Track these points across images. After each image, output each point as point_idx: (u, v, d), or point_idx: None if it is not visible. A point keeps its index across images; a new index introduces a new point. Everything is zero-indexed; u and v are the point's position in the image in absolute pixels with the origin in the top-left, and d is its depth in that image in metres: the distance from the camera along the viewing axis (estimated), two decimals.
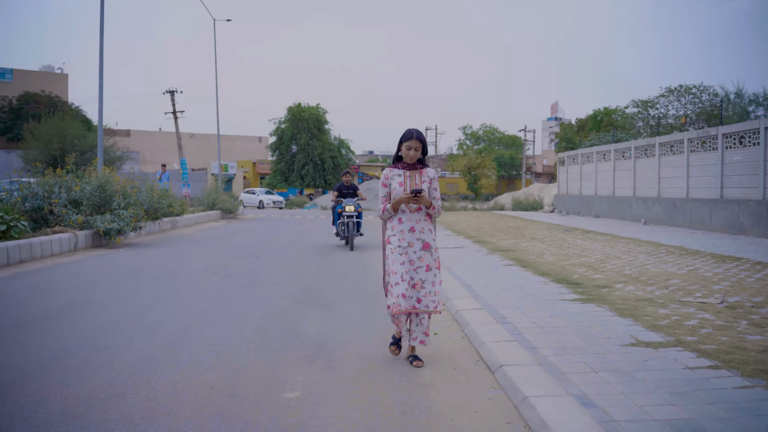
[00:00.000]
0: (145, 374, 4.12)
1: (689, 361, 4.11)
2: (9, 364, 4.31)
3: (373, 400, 3.67)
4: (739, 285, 7.17)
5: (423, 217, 4.35)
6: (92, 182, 12.56)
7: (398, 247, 4.27)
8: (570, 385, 3.64)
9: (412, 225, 4.31)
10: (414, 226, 4.31)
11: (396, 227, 4.33)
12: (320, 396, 3.75)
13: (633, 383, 3.66)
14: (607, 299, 6.28)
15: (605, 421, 3.09)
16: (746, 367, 3.93)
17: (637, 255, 10.26)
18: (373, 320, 5.84)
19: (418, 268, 4.28)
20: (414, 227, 4.31)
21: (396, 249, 4.27)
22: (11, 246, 9.39)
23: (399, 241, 4.28)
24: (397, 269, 4.24)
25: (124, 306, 6.42)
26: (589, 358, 4.19)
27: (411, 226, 4.31)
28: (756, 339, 4.66)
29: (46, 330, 5.33)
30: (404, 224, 4.31)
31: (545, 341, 4.65)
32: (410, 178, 4.33)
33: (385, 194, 4.44)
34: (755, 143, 14.27)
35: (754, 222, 14.02)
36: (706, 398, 3.41)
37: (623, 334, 4.84)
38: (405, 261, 4.25)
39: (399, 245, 4.27)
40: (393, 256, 4.27)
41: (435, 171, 4.29)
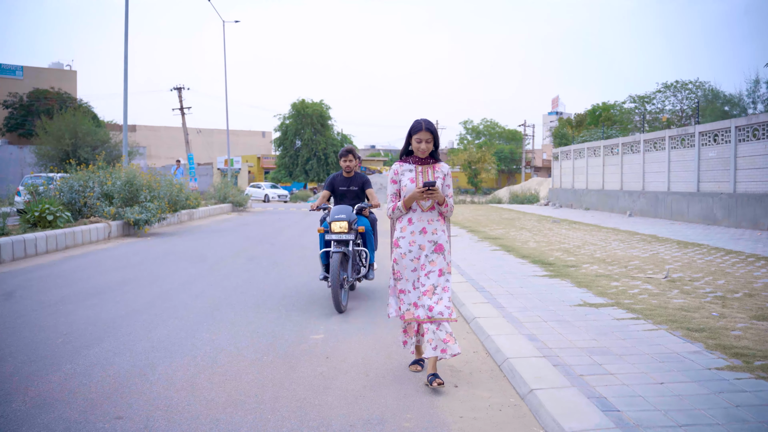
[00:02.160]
0: (205, 325, 5.43)
1: (618, 315, 5.40)
2: (97, 320, 5.61)
3: (375, 339, 4.97)
4: (688, 265, 8.44)
5: (435, 216, 3.96)
6: (122, 177, 13.87)
7: (409, 251, 3.92)
8: (523, 329, 4.93)
9: (424, 226, 3.92)
10: (425, 226, 3.92)
11: (406, 228, 3.95)
12: (338, 338, 5.04)
13: (570, 328, 4.95)
14: (571, 275, 7.56)
15: (542, 348, 4.37)
16: (659, 318, 5.22)
17: (611, 242, 11.54)
18: (377, 291, 7.14)
19: (430, 273, 3.88)
20: (426, 228, 3.92)
21: (406, 254, 3.93)
22: (59, 234, 10.71)
23: (409, 245, 3.92)
24: (408, 276, 3.93)
25: (169, 281, 7.73)
26: (543, 313, 5.48)
27: (422, 227, 3.92)
28: (678, 302, 5.94)
29: (114, 297, 6.64)
30: (415, 225, 3.93)
31: (512, 303, 5.94)
32: (422, 174, 3.94)
33: (394, 191, 4.04)
34: (727, 141, 15.53)
35: (726, 213, 15.28)
36: (619, 335, 4.69)
37: (575, 299, 6.13)
38: (417, 267, 3.92)
39: (410, 249, 3.92)
40: (404, 262, 3.93)
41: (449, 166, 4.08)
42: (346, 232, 5.95)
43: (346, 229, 5.94)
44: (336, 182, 6.60)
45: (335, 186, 6.59)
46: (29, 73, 58.42)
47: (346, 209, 6.12)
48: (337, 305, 5.76)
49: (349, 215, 6.04)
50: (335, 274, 5.65)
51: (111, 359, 4.37)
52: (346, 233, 5.95)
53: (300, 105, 49.96)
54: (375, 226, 6.63)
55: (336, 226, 5.95)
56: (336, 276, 5.66)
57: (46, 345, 4.72)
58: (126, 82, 16.96)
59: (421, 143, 3.92)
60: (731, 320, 5.14)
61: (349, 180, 6.57)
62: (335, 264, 5.65)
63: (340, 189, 6.56)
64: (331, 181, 6.62)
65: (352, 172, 6.59)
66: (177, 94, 46.90)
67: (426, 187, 3.73)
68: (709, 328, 4.87)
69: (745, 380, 3.63)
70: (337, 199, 6.60)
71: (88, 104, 54.35)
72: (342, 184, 6.57)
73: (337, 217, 5.98)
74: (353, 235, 5.99)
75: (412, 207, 3.95)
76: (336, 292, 5.71)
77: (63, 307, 6.13)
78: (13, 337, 4.96)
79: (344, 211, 6.07)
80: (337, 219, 5.96)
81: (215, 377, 4.01)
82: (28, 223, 11.04)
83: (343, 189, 6.56)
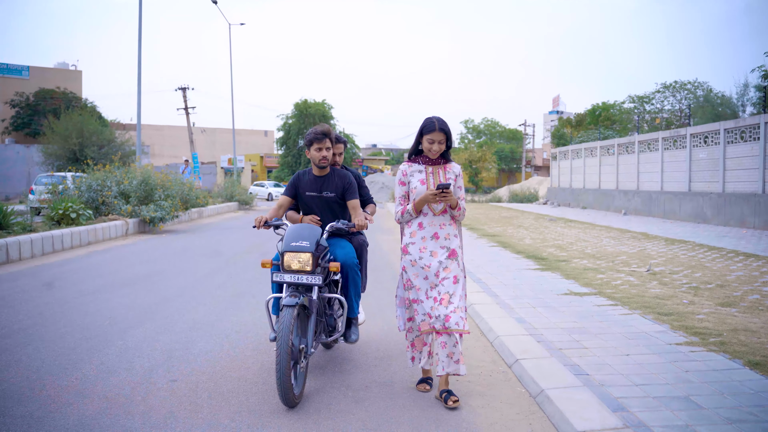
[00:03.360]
0: (231, 310, 6.10)
1: (599, 302, 6.06)
2: (135, 306, 6.28)
3: (382, 325, 5.64)
4: (671, 260, 9.10)
5: (448, 221, 3.72)
6: (137, 177, 14.55)
7: (419, 258, 3.65)
8: (514, 313, 5.59)
9: (436, 231, 3.68)
10: (438, 231, 3.68)
11: (416, 233, 3.68)
12: None
13: (555, 312, 5.62)
14: (561, 269, 8.23)
15: (529, 328, 5.04)
16: (635, 304, 5.88)
17: (603, 239, 12.20)
18: (381, 269, 7.81)
19: (444, 280, 3.61)
20: (438, 233, 3.68)
21: (417, 261, 3.65)
22: (82, 230, 11.39)
23: (420, 251, 3.66)
24: (420, 284, 3.64)
25: (191, 274, 8.41)
26: (532, 301, 6.14)
27: (434, 231, 3.68)
28: (655, 291, 6.60)
29: (145, 287, 7.32)
30: (426, 230, 3.67)
31: (505, 292, 6.61)
32: (433, 175, 3.72)
33: (402, 194, 3.78)
34: (716, 143, 16.18)
35: (715, 212, 15.94)
36: (597, 319, 5.36)
37: (562, 288, 6.79)
38: (428, 275, 3.63)
39: (420, 256, 3.65)
40: (414, 269, 3.66)
41: (460, 166, 3.85)
42: (309, 271, 3.70)
43: (308, 265, 3.70)
44: (301, 184, 4.34)
45: (300, 190, 4.34)
46: (35, 73, 59.11)
47: (309, 232, 3.83)
48: (284, 395, 3.38)
49: (315, 242, 3.78)
50: (284, 342, 3.31)
51: (155, 337, 5.04)
52: (307, 273, 3.71)
53: (303, 105, 50.68)
54: (364, 254, 4.45)
55: (292, 260, 3.71)
56: (286, 346, 3.31)
57: (96, 326, 5.39)
58: (139, 86, 17.64)
59: (434, 144, 3.68)
60: (699, 306, 5.80)
61: (322, 181, 4.29)
62: (285, 325, 3.37)
63: (308, 195, 4.31)
64: (295, 183, 4.36)
65: (327, 168, 4.31)
66: (182, 94, 47.61)
67: (440, 189, 3.49)
68: (678, 312, 5.53)
69: (697, 353, 4.29)
70: (304, 210, 4.41)
71: (93, 104, 55.13)
72: (310, 187, 4.30)
73: (294, 245, 3.73)
74: (320, 277, 3.71)
75: (423, 210, 3.69)
76: (283, 374, 3.30)
77: (100, 295, 6.80)
78: (65, 319, 5.63)
79: (306, 236, 3.79)
80: (293, 249, 3.72)
81: (247, 351, 4.68)
82: (53, 220, 11.71)
83: (312, 195, 4.30)
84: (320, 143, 4.18)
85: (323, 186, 4.31)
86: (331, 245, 4.20)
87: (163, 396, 3.70)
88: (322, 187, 4.31)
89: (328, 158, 4.23)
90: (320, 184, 4.31)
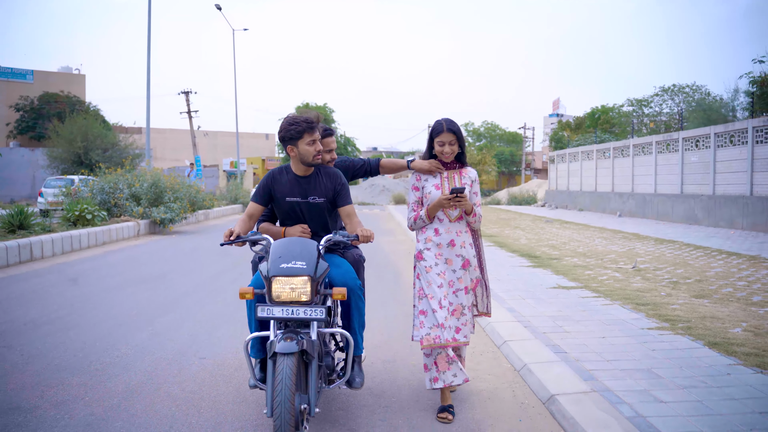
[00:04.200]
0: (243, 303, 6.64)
1: (584, 295, 6.59)
2: (156, 300, 6.82)
3: (385, 315, 6.17)
4: (657, 258, 9.64)
5: (464, 228, 3.56)
6: (148, 180, 15.11)
7: (435, 265, 3.48)
8: (505, 304, 6.13)
9: (452, 238, 3.51)
10: (454, 239, 3.51)
11: (431, 239, 3.53)
12: None
13: (543, 303, 6.15)
14: (552, 266, 8.76)
15: (518, 316, 5.57)
16: (616, 296, 6.42)
17: (595, 239, 12.74)
18: (384, 266, 8.35)
19: (458, 291, 3.50)
20: (454, 240, 3.51)
21: (432, 267, 3.48)
22: (98, 231, 11.95)
23: (435, 257, 3.49)
24: (434, 293, 3.43)
25: (204, 272, 8.95)
26: (523, 294, 6.68)
27: (450, 239, 3.51)
28: (636, 285, 7.14)
29: (162, 284, 7.86)
30: (441, 236, 3.51)
31: (499, 286, 7.14)
32: (448, 180, 3.58)
33: (416, 199, 3.63)
34: (707, 146, 16.73)
35: (706, 214, 16.48)
36: (580, 308, 5.89)
37: (552, 283, 7.33)
38: (443, 282, 3.46)
39: (435, 263, 3.49)
40: (428, 276, 3.47)
41: (476, 172, 3.70)
42: (306, 301, 2.84)
43: (305, 294, 2.84)
44: (278, 187, 3.41)
45: (276, 194, 3.42)
46: (39, 77, 59.74)
47: (303, 248, 2.97)
48: None
49: (313, 261, 2.91)
50: (285, 410, 2.57)
51: (181, 324, 5.59)
52: (305, 304, 2.85)
53: (304, 108, 51.27)
54: (361, 272, 3.62)
55: (283, 287, 2.84)
56: (287, 414, 2.58)
57: (124, 316, 5.93)
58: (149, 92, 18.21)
59: (444, 146, 3.54)
60: (675, 298, 6.34)
61: (306, 182, 3.40)
62: (285, 384, 2.61)
63: (288, 201, 3.40)
64: (268, 186, 3.43)
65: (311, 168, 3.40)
66: (185, 98, 48.20)
67: (454, 193, 3.33)
68: (654, 303, 6.07)
69: (666, 335, 4.83)
70: (283, 221, 3.53)
71: (97, 107, 55.79)
72: (292, 191, 3.40)
73: (286, 267, 2.85)
74: (322, 309, 2.84)
75: (438, 217, 3.52)
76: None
77: (123, 290, 7.34)
78: (95, 310, 6.18)
79: (300, 253, 2.92)
80: (284, 272, 2.83)
81: None
82: (69, 221, 12.26)
83: (294, 201, 3.40)
84: (313, 133, 3.29)
85: (309, 189, 3.37)
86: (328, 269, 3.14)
87: (195, 370, 4.24)
88: (308, 190, 3.37)
89: (324, 157, 3.57)
90: (305, 187, 3.37)
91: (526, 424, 3.36)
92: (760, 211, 14.25)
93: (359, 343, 3.42)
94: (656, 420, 3.12)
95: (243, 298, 2.90)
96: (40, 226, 10.99)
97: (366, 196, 40.66)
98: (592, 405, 3.34)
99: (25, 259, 9.50)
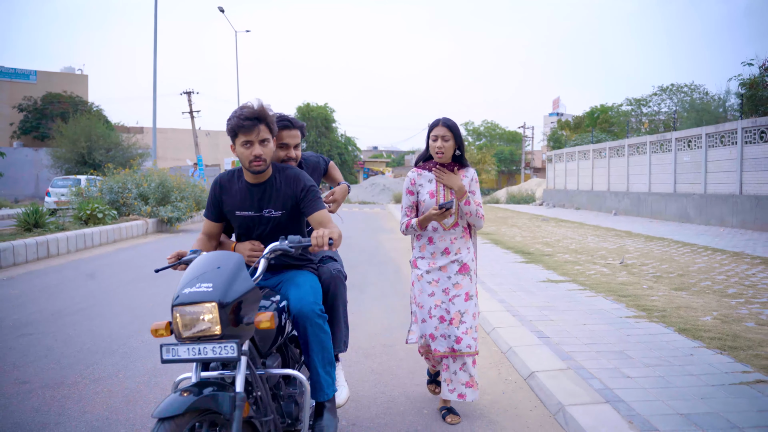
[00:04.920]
0: None
1: (571, 287, 7.05)
2: (170, 293, 7.28)
3: (385, 305, 6.63)
4: (645, 254, 10.09)
5: (460, 233, 3.47)
6: (155, 179, 15.58)
7: (427, 272, 3.45)
8: (496, 296, 6.59)
9: (446, 246, 3.45)
10: (449, 246, 3.45)
11: (426, 247, 3.48)
12: (358, 303, 6.71)
13: (531, 295, 6.61)
14: (544, 261, 9.22)
15: (508, 306, 6.03)
16: (601, 289, 6.88)
17: (588, 237, 13.19)
18: (386, 263, 8.81)
19: (455, 298, 3.40)
20: (449, 248, 3.45)
21: (423, 275, 3.45)
22: (109, 229, 12.42)
23: (429, 266, 3.46)
24: (424, 302, 3.42)
25: None
26: (514, 287, 7.14)
27: (445, 246, 3.45)
28: (621, 279, 7.60)
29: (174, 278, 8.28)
30: (436, 245, 3.45)
31: (492, 280, 7.60)
32: (444, 187, 3.45)
33: (409, 204, 3.51)
34: (699, 147, 17.18)
35: (697, 212, 16.93)
36: (566, 299, 6.35)
37: (542, 277, 7.79)
38: (436, 291, 3.42)
39: (428, 270, 3.45)
40: (420, 284, 3.46)
41: (474, 171, 3.53)
42: (216, 334, 2.08)
43: (214, 325, 2.08)
44: (227, 197, 2.84)
45: (225, 207, 2.85)
46: (42, 77, 60.21)
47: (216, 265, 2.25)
48: None
49: (222, 279, 2.17)
50: None
51: None
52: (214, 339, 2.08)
53: (305, 108, 51.72)
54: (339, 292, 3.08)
55: (182, 318, 2.11)
56: None
57: (142, 308, 6.40)
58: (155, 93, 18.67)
59: (437, 140, 3.37)
60: (656, 290, 6.80)
61: (260, 191, 2.80)
62: None
63: (240, 215, 2.81)
64: (217, 197, 2.87)
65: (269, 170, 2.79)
66: (187, 98, 48.68)
67: (442, 209, 3.23)
68: (636, 295, 6.53)
69: (642, 323, 5.29)
70: (239, 236, 2.91)
71: (100, 107, 56.27)
72: (243, 203, 2.81)
73: (188, 292, 2.13)
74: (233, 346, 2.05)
75: (432, 225, 3.42)
76: None
77: (137, 285, 7.81)
78: (114, 302, 6.64)
79: (210, 272, 2.21)
80: (186, 299, 2.12)
81: None
82: (80, 220, 12.72)
83: (245, 216, 2.81)
84: (248, 133, 2.62)
85: (264, 200, 2.76)
86: (285, 282, 2.79)
87: None
88: (262, 200, 2.76)
89: (265, 157, 2.67)
90: (258, 197, 2.76)
91: (507, 396, 3.82)
92: (749, 209, 14.70)
93: (324, 383, 2.69)
94: (620, 391, 3.58)
95: (156, 336, 2.16)
96: (54, 225, 11.46)
97: (366, 195, 41.12)
98: (566, 379, 3.80)
99: (42, 256, 9.97)
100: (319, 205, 2.79)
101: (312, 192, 2.81)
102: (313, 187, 2.84)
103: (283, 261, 2.88)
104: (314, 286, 2.79)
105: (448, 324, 3.36)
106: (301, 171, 2.87)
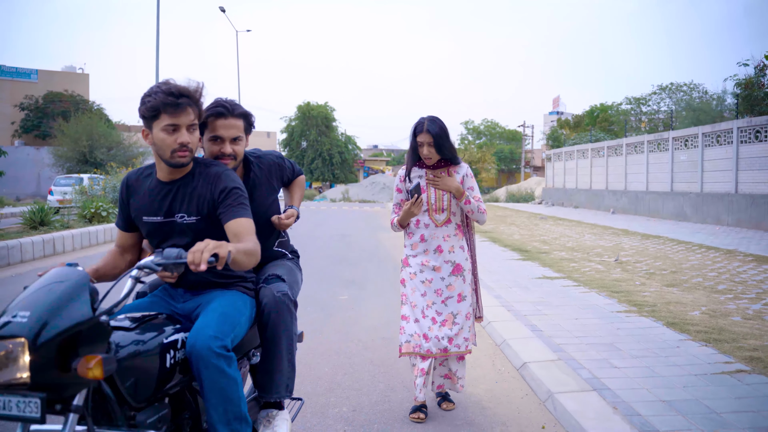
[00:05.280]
0: None
1: (566, 284, 7.24)
2: None
3: (385, 300, 6.83)
4: (640, 252, 10.28)
5: (452, 231, 3.38)
6: None
7: (419, 272, 3.37)
8: (492, 292, 6.78)
9: (439, 243, 3.35)
10: (441, 244, 3.35)
11: (417, 245, 3.38)
12: (359, 299, 6.91)
13: (527, 291, 6.80)
14: (540, 259, 9.41)
15: (504, 302, 6.22)
16: (594, 285, 7.07)
17: (585, 235, 13.38)
18: (386, 261, 9.00)
19: (448, 299, 3.34)
20: (441, 246, 3.35)
21: (416, 274, 3.37)
22: (113, 227, 12.60)
23: (421, 265, 3.36)
24: (417, 301, 3.36)
25: None
26: (511, 283, 7.33)
27: (437, 245, 3.35)
28: (615, 276, 7.79)
29: None
30: (428, 242, 3.36)
31: (489, 277, 7.79)
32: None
33: (399, 201, 3.48)
34: (695, 146, 17.37)
35: (694, 211, 17.12)
36: (560, 295, 6.54)
37: (538, 274, 7.98)
38: (428, 291, 3.34)
39: (420, 269, 3.37)
40: (412, 283, 3.38)
41: (467, 166, 3.45)
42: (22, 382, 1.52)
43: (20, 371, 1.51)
44: (135, 200, 2.34)
45: (133, 210, 2.35)
46: (43, 76, 60.34)
47: (53, 286, 1.65)
48: None
49: (43, 308, 1.56)
50: None
51: None
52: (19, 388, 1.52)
53: (305, 107, 51.90)
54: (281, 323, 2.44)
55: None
56: None
57: None
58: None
59: (423, 147, 3.29)
60: (648, 287, 6.99)
61: (173, 192, 2.27)
62: None
63: (146, 222, 2.30)
64: (125, 200, 2.38)
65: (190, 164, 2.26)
66: None
67: (412, 194, 3.19)
68: (628, 291, 6.72)
69: (633, 317, 5.48)
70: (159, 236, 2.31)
71: (101, 106, 56.43)
72: (151, 207, 2.29)
73: None
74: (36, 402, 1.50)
75: (424, 222, 3.35)
76: None
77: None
78: None
79: (33, 298, 1.60)
80: None
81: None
82: (85, 218, 12.91)
83: (152, 221, 2.28)
84: (176, 115, 2.14)
85: (176, 202, 2.26)
86: (202, 306, 2.26)
87: None
88: (174, 202, 2.26)
89: (192, 147, 2.20)
90: (170, 199, 2.26)
91: (500, 385, 4.02)
92: (744, 208, 14.89)
93: None
94: (607, 380, 3.77)
95: None
96: (60, 223, 11.65)
97: (366, 194, 41.31)
98: (557, 369, 3.99)
99: (49, 253, 10.16)
100: (239, 212, 2.20)
101: (234, 195, 2.23)
102: (237, 189, 2.25)
103: (204, 278, 2.28)
104: (229, 315, 2.15)
105: (440, 325, 3.31)
106: (228, 169, 2.31)
